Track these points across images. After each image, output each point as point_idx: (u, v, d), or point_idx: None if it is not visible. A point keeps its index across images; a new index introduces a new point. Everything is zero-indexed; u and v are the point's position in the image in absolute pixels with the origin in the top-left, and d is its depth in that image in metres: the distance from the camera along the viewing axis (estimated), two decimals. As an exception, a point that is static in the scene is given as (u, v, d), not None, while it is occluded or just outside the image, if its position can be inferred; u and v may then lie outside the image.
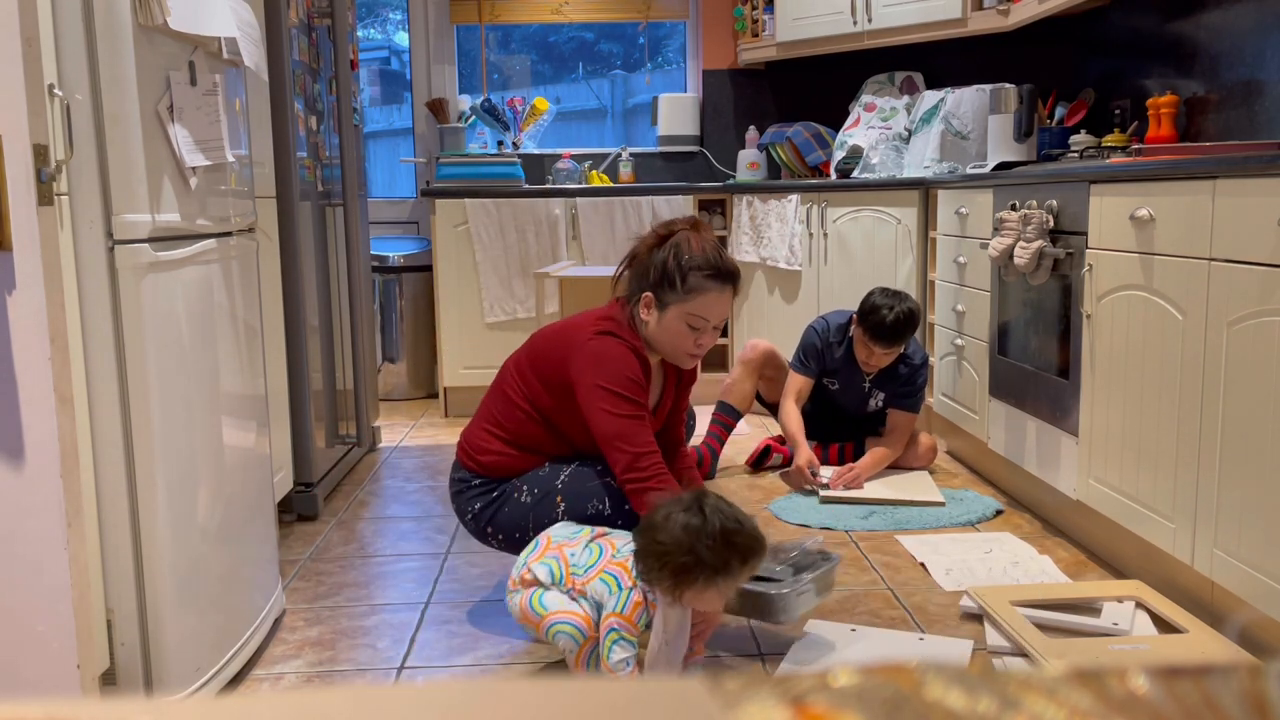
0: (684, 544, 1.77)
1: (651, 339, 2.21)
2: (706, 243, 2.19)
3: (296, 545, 2.88)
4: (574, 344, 2.19)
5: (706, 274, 2.16)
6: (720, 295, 2.18)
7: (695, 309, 2.17)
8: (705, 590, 1.80)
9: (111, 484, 1.78)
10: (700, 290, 2.16)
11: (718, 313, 2.20)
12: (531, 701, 0.35)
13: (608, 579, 1.88)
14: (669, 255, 2.17)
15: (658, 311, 2.19)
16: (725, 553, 1.77)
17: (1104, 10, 3.96)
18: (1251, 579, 1.96)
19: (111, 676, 1.81)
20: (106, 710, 0.35)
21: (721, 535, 1.77)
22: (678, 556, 1.77)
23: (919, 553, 2.70)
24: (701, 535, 1.77)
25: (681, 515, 1.79)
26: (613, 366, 2.13)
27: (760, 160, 4.87)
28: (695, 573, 1.77)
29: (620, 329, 2.20)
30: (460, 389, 4.60)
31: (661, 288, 2.17)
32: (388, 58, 5.61)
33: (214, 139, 1.99)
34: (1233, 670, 0.35)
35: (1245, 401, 1.97)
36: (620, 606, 1.84)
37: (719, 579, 1.79)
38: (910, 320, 3.30)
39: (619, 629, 1.83)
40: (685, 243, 2.17)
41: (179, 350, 1.85)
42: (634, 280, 2.24)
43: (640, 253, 2.24)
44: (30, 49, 1.45)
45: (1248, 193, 1.95)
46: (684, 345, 2.20)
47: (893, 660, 0.35)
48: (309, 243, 3.11)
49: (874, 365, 3.39)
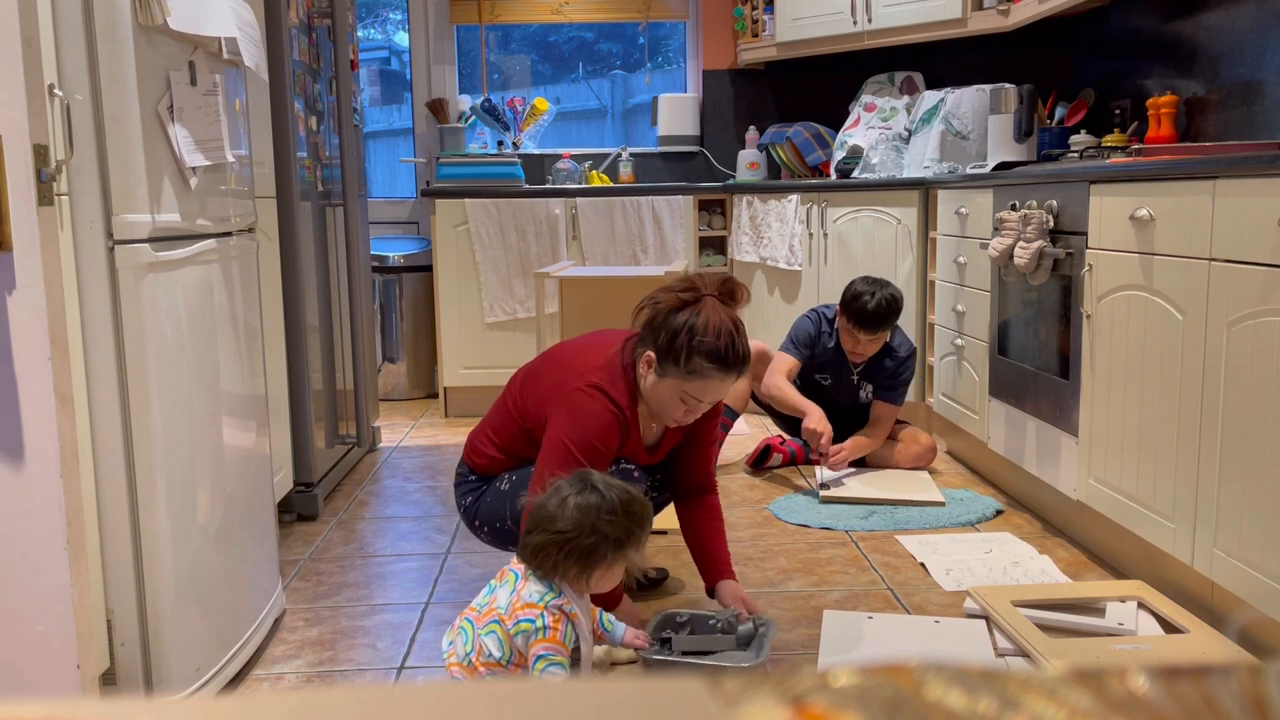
0: (585, 524, 1.77)
1: (645, 395, 2.16)
2: (725, 325, 2.07)
3: (296, 545, 2.88)
4: (563, 389, 2.15)
5: (713, 362, 2.06)
6: (722, 382, 2.10)
7: (691, 389, 2.09)
8: (613, 565, 1.81)
9: (111, 484, 1.77)
10: (702, 374, 2.07)
11: (713, 396, 2.13)
12: (531, 702, 0.35)
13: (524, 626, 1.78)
14: (682, 329, 2.07)
15: (656, 376, 2.12)
16: (627, 522, 1.79)
17: (1104, 10, 3.96)
18: (1251, 579, 1.96)
19: (111, 676, 1.81)
20: (106, 710, 0.35)
21: (622, 506, 1.79)
22: (583, 539, 1.77)
23: (919, 553, 2.70)
24: (601, 511, 1.78)
25: (575, 498, 1.80)
26: (584, 429, 2.08)
27: (760, 160, 4.87)
28: (602, 550, 1.78)
29: (614, 384, 2.14)
30: (460, 389, 4.60)
31: (666, 357, 2.09)
32: (388, 58, 5.61)
33: (214, 139, 1.99)
34: (1233, 670, 0.35)
35: (1245, 401, 1.97)
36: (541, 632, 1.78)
37: (626, 549, 1.80)
38: (893, 305, 3.32)
39: (546, 654, 1.77)
40: (704, 320, 2.06)
41: (179, 350, 1.85)
42: (646, 329, 2.15)
43: (661, 305, 2.12)
44: (30, 49, 1.45)
45: (1248, 193, 1.95)
46: (672, 412, 2.14)
47: (893, 660, 0.35)
48: (309, 243, 3.11)
49: (860, 354, 3.42)
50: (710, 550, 2.27)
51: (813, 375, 3.55)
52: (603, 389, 2.13)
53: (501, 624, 1.77)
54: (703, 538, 2.28)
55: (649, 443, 2.27)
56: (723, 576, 2.23)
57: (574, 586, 1.81)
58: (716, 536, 2.29)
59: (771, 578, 2.57)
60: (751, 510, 3.12)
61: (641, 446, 2.24)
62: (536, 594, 1.78)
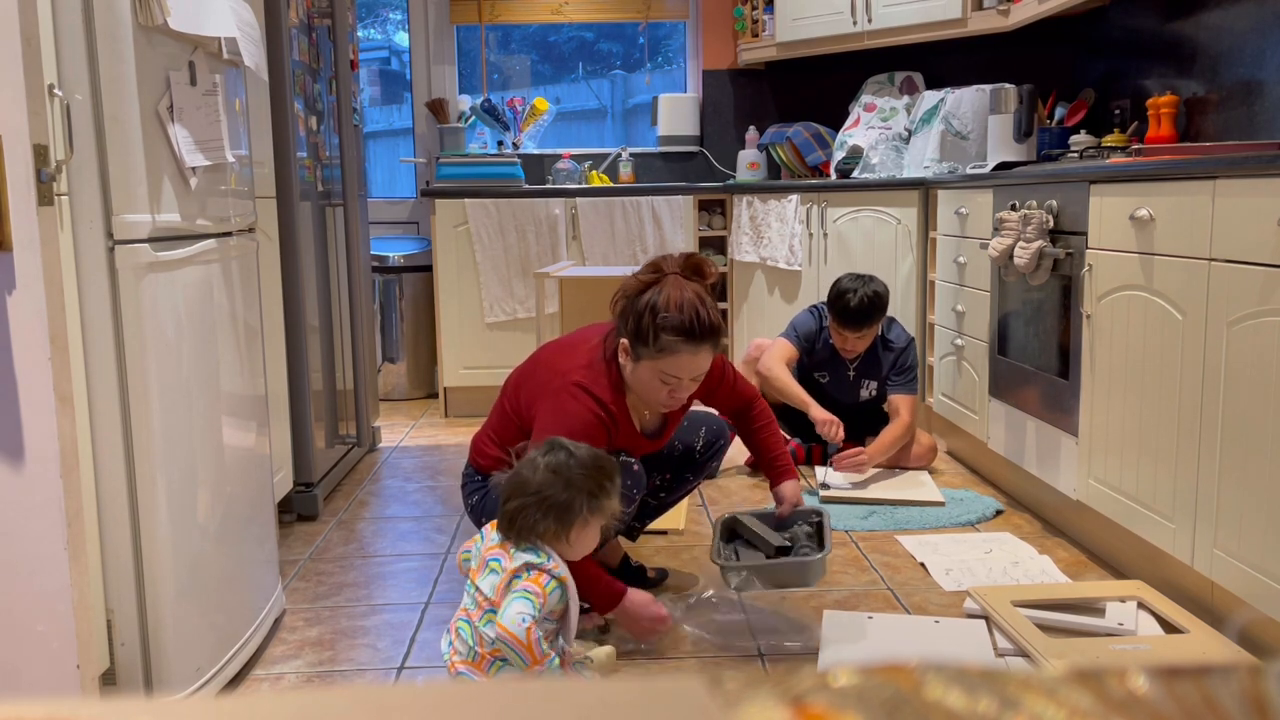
0: (558, 481, 1.82)
1: (629, 383, 2.17)
2: (687, 297, 2.07)
3: (296, 545, 2.88)
4: (549, 388, 2.17)
5: (678, 335, 2.06)
6: (694, 356, 2.09)
7: (666, 367, 2.09)
8: (590, 521, 1.85)
9: (111, 484, 1.77)
10: (671, 350, 2.07)
11: (691, 371, 2.12)
12: (531, 701, 0.35)
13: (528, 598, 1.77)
14: (646, 308, 2.08)
15: (632, 362, 2.12)
16: (597, 475, 1.85)
17: (1104, 10, 3.96)
18: (1251, 579, 1.96)
19: (111, 676, 1.81)
20: (106, 710, 0.35)
21: (591, 460, 1.85)
22: (557, 494, 1.81)
23: (919, 553, 2.70)
24: (571, 467, 1.83)
25: (544, 459, 1.85)
26: (565, 430, 2.08)
27: (760, 160, 4.87)
28: (576, 504, 1.82)
29: (596, 380, 2.15)
30: (460, 389, 4.60)
31: (636, 340, 2.09)
32: (388, 58, 5.61)
33: (214, 139, 1.99)
34: (1233, 670, 0.35)
35: (1245, 402, 1.97)
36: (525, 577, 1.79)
37: (599, 502, 1.85)
38: (876, 302, 3.31)
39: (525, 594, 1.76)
40: (665, 296, 2.07)
41: (179, 350, 1.85)
42: (619, 319, 2.16)
43: (628, 291, 2.14)
44: (30, 49, 1.45)
45: (1248, 193, 1.95)
46: (657, 396, 2.15)
47: (893, 660, 0.35)
48: (309, 243, 3.11)
49: (851, 350, 3.42)
50: (769, 452, 2.42)
51: (811, 373, 3.55)
52: (585, 387, 2.14)
53: (496, 610, 1.77)
54: (760, 441, 2.43)
55: (648, 430, 2.27)
56: (785, 477, 2.39)
57: (554, 546, 1.83)
58: (772, 439, 2.43)
59: (771, 578, 2.57)
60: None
61: (638, 436, 2.24)
62: (522, 561, 1.80)
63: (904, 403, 3.41)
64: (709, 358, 2.14)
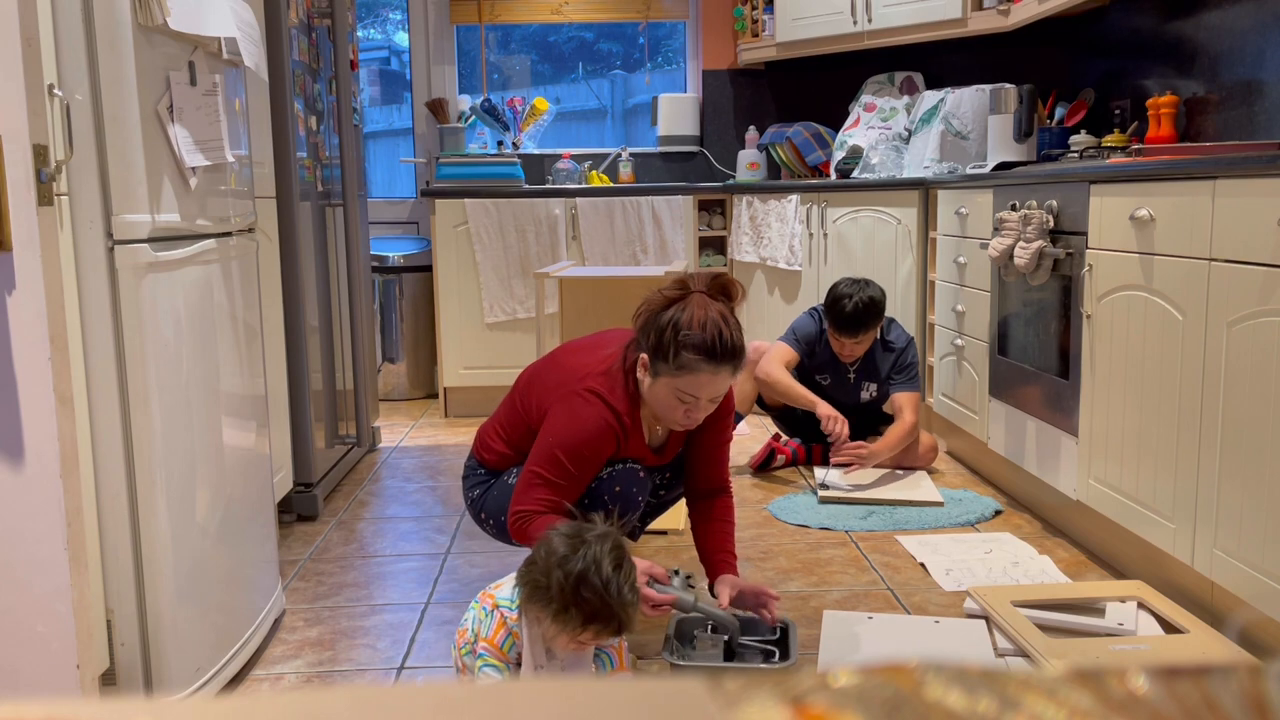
0: (544, 566, 1.72)
1: (645, 399, 2.14)
2: (711, 317, 2.03)
3: (296, 545, 2.88)
4: (562, 391, 2.15)
5: (699, 354, 2.04)
6: (713, 376, 2.05)
7: (684, 386, 2.05)
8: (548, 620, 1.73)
9: (111, 484, 1.77)
10: (691, 369, 2.03)
11: (709, 391, 2.08)
12: (531, 701, 0.35)
13: (475, 607, 1.86)
14: (668, 325, 2.04)
15: (650, 377, 2.09)
16: (569, 596, 1.69)
17: (1104, 10, 3.96)
18: (1251, 579, 1.96)
19: (111, 676, 1.81)
20: (106, 710, 0.35)
21: (577, 579, 1.69)
22: (534, 574, 1.73)
23: (919, 553, 2.70)
24: (558, 567, 1.70)
25: (557, 539, 1.74)
26: (575, 435, 2.07)
27: (760, 160, 4.87)
28: (541, 597, 1.72)
29: (612, 390, 2.13)
30: (460, 389, 4.60)
31: (656, 355, 2.06)
32: (388, 58, 5.61)
33: (214, 139, 1.99)
34: (1233, 670, 0.35)
35: (1245, 401, 1.97)
36: (486, 629, 1.82)
37: (560, 618, 1.71)
38: (871, 308, 3.31)
39: (485, 654, 1.81)
40: (689, 314, 2.04)
41: (179, 350, 1.85)
42: (640, 332, 2.13)
43: (652, 306, 2.11)
44: (30, 49, 1.45)
45: (1248, 193, 1.95)
46: (673, 414, 2.11)
47: (893, 660, 0.35)
48: (309, 243, 3.11)
49: (849, 355, 3.43)
50: (711, 546, 2.25)
51: (812, 376, 3.55)
52: (600, 394, 2.12)
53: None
54: (707, 535, 2.26)
55: (654, 445, 2.27)
56: (721, 571, 2.20)
57: (532, 619, 1.78)
58: (719, 534, 2.26)
59: (771, 578, 2.56)
60: (751, 510, 3.12)
61: (646, 449, 2.24)
62: (506, 598, 1.83)
63: (907, 401, 3.41)
64: (729, 380, 2.09)
